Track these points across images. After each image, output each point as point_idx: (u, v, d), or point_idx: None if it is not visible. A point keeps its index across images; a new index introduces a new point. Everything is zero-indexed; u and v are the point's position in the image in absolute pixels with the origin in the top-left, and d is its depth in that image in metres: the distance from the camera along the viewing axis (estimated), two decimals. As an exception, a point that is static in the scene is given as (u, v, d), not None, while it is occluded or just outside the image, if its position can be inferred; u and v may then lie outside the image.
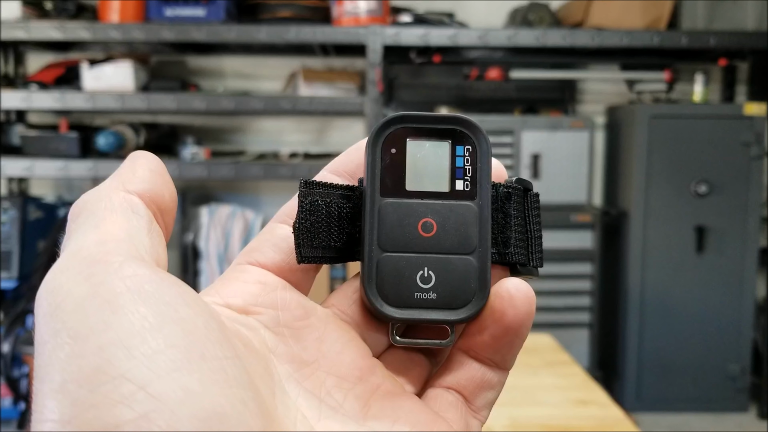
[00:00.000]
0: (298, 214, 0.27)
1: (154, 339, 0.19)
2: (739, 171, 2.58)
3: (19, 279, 2.55)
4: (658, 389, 2.65)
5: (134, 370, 0.19)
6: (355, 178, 0.29)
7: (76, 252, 0.22)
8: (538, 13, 2.66)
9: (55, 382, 0.19)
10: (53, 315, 0.20)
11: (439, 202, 0.28)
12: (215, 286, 0.27)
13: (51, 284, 0.21)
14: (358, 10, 2.54)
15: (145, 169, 0.25)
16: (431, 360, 0.29)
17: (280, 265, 0.27)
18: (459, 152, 0.28)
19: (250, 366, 0.23)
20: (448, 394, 0.27)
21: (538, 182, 2.64)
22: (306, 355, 0.26)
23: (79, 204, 0.24)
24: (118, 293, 0.20)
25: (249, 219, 2.75)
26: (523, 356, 1.45)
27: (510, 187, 0.29)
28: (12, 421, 2.43)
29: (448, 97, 2.90)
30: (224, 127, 2.98)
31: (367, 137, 0.28)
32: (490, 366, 0.27)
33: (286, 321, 0.26)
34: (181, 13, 2.55)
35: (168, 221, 0.26)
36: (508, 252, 0.29)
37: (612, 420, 1.17)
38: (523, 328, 0.26)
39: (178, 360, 0.19)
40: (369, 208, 0.27)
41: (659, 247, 2.61)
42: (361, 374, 0.26)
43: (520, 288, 0.26)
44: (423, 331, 0.28)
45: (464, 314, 0.27)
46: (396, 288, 0.27)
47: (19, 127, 2.69)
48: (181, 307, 0.21)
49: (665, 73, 2.75)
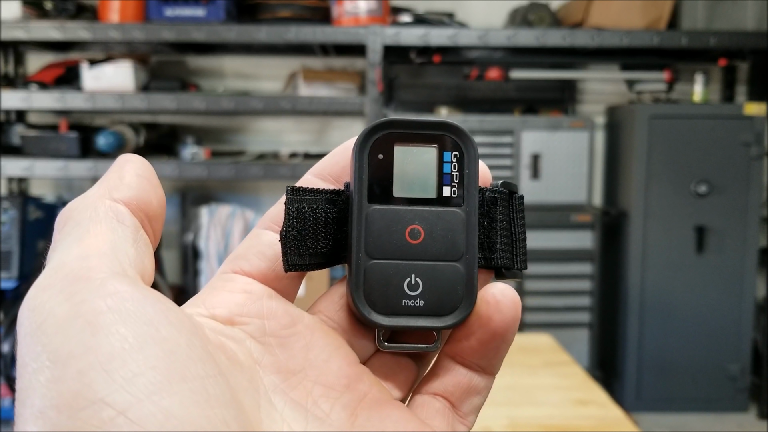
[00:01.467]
0: (285, 222, 0.27)
1: (134, 361, 0.19)
2: (739, 171, 2.58)
3: (19, 279, 2.55)
4: (658, 389, 2.65)
5: (114, 394, 0.19)
6: (341, 182, 0.29)
7: (58, 268, 0.22)
8: (538, 13, 2.66)
9: (36, 407, 0.19)
10: (34, 336, 0.20)
11: (426, 209, 0.28)
12: (200, 297, 0.27)
13: (33, 302, 0.21)
14: (358, 10, 2.54)
15: (132, 174, 0.25)
16: (419, 363, 0.29)
17: (266, 272, 0.27)
18: (446, 158, 0.28)
19: (235, 381, 0.23)
20: (435, 401, 0.27)
21: (538, 182, 2.64)
22: (293, 364, 0.26)
23: (64, 213, 0.24)
24: (98, 313, 0.20)
25: (249, 219, 2.75)
26: (523, 356, 1.45)
27: (496, 192, 0.29)
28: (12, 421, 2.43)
29: (448, 97, 2.90)
30: (224, 127, 2.98)
31: (354, 141, 0.28)
32: (477, 371, 0.27)
33: (273, 330, 0.26)
34: (181, 13, 2.55)
35: (156, 227, 0.25)
36: (493, 257, 0.29)
37: (612, 420, 1.17)
38: (510, 332, 0.27)
39: (159, 382, 0.19)
40: (356, 215, 0.27)
41: (659, 247, 2.61)
42: (348, 382, 0.26)
43: (506, 293, 0.26)
44: (410, 336, 0.28)
45: (451, 321, 0.27)
46: (383, 295, 0.27)
47: (19, 127, 2.69)
48: (162, 326, 0.20)
49: (665, 73, 2.75)
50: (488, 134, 2.62)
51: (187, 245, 2.71)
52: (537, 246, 2.53)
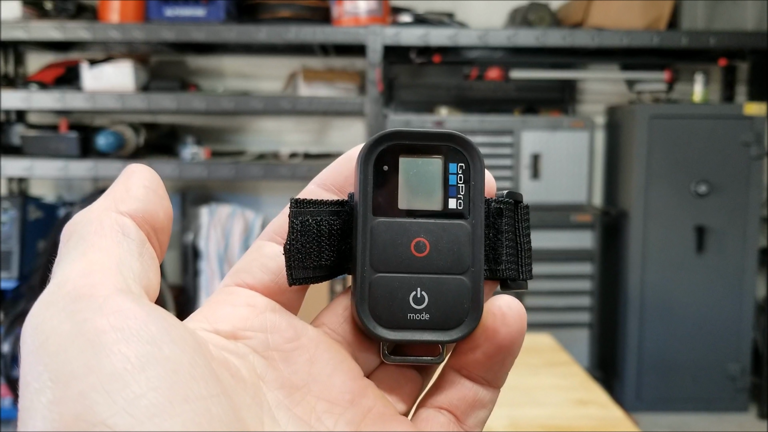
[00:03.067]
0: (289, 235, 0.27)
1: (136, 382, 0.19)
2: (739, 171, 2.58)
3: (19, 279, 2.55)
4: (658, 389, 2.65)
5: (115, 416, 0.19)
6: (344, 192, 0.29)
7: (61, 284, 0.22)
8: (538, 13, 2.66)
9: (37, 428, 0.19)
10: (37, 354, 0.20)
11: (431, 221, 0.27)
12: (203, 311, 0.26)
13: (36, 320, 0.21)
14: (358, 10, 2.54)
15: (139, 186, 0.25)
16: (423, 374, 0.29)
17: (269, 285, 0.27)
18: (452, 170, 0.28)
19: (238, 399, 0.23)
20: (440, 414, 0.27)
21: (538, 182, 2.64)
22: (296, 379, 0.26)
23: (70, 226, 0.24)
24: (101, 332, 0.20)
25: (249, 219, 2.75)
26: (523, 356, 1.45)
27: (501, 203, 0.29)
28: (12, 421, 2.43)
29: (448, 97, 2.90)
30: (224, 127, 2.98)
31: (358, 151, 0.28)
32: (482, 384, 0.27)
33: (276, 344, 0.26)
34: (181, 13, 2.55)
35: (162, 240, 0.25)
36: (499, 269, 0.28)
37: (612, 420, 1.17)
38: (515, 345, 0.26)
39: (160, 404, 0.19)
40: (361, 228, 0.27)
41: (659, 247, 2.61)
42: (352, 397, 0.26)
43: (512, 306, 0.26)
44: (414, 349, 0.28)
45: (457, 335, 0.27)
46: (389, 309, 0.27)
47: (19, 127, 2.69)
48: (165, 345, 0.20)
49: (665, 73, 2.75)
50: (488, 134, 2.62)
51: (187, 245, 2.71)
52: (537, 246, 2.52)
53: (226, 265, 2.68)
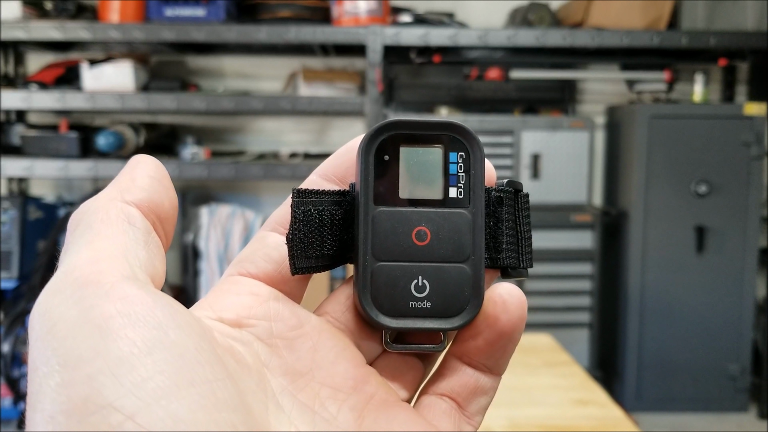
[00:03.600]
0: (292, 225, 0.27)
1: (143, 365, 0.19)
2: (739, 171, 2.58)
3: (19, 279, 2.55)
4: (658, 389, 2.65)
5: (122, 399, 0.19)
6: (346, 182, 0.29)
7: (68, 272, 0.22)
8: (538, 13, 2.66)
9: (46, 411, 0.19)
10: (45, 340, 0.20)
11: (432, 210, 0.28)
12: (207, 299, 0.27)
13: (43, 306, 0.21)
14: (358, 10, 2.54)
15: (144, 176, 0.25)
16: (425, 362, 0.29)
17: (272, 275, 0.27)
18: (452, 159, 0.28)
19: (243, 384, 0.23)
20: (442, 401, 0.27)
21: (538, 182, 2.64)
22: (300, 366, 0.26)
23: (76, 215, 0.24)
24: (108, 317, 0.20)
25: (249, 219, 2.75)
26: (523, 356, 1.45)
27: (502, 191, 0.29)
28: (12, 421, 2.43)
29: (448, 97, 2.90)
30: (224, 127, 2.98)
31: (360, 142, 0.28)
32: (484, 371, 0.27)
33: (280, 332, 0.26)
34: (181, 13, 2.55)
35: (168, 229, 0.26)
36: (499, 257, 0.29)
37: (612, 420, 1.17)
38: (516, 332, 0.27)
39: (167, 386, 0.19)
40: (362, 218, 0.27)
41: (659, 247, 2.61)
42: (355, 384, 0.26)
43: (513, 293, 0.27)
44: (416, 337, 0.28)
45: (458, 322, 0.27)
46: (391, 297, 0.27)
47: (19, 127, 2.69)
48: (171, 330, 0.21)
49: (665, 73, 2.75)
50: (488, 134, 2.62)
51: (187, 245, 2.71)
52: (537, 246, 2.52)
53: (226, 265, 2.68)
